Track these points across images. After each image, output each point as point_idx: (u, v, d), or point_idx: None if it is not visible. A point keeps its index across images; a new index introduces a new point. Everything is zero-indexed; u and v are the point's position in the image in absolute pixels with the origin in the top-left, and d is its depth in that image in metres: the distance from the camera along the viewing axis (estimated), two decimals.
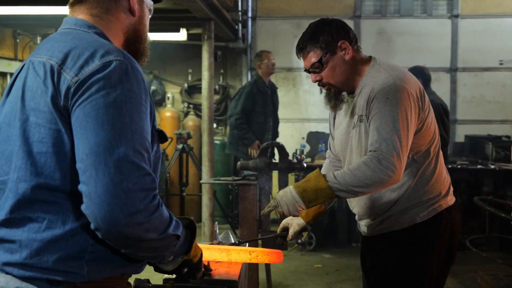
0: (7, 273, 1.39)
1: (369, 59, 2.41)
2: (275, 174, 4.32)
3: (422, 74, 5.37)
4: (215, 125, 7.89)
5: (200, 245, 2.09)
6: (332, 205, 2.67)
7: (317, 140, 7.00)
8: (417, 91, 2.28)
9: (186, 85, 8.06)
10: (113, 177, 1.29)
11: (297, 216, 2.40)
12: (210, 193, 5.87)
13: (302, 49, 2.36)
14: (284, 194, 2.29)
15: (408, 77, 2.30)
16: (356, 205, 2.47)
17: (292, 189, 2.27)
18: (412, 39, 7.90)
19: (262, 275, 4.39)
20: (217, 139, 7.58)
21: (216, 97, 7.98)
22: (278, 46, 7.69)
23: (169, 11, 5.55)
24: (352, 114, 2.38)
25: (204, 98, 5.84)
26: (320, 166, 2.67)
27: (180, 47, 7.80)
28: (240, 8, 7.30)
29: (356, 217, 2.53)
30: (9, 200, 1.40)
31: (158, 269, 1.67)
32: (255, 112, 6.18)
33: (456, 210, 2.44)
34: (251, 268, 4.22)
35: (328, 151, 2.75)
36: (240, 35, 7.37)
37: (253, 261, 2.26)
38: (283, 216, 2.49)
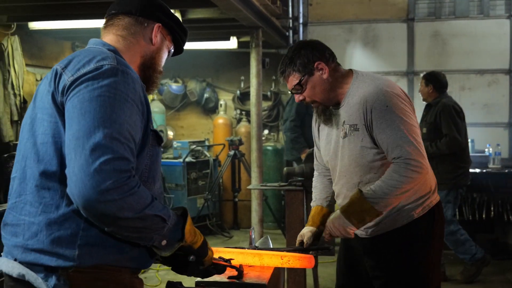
0: (14, 258, 1.58)
1: (350, 71, 2.57)
2: None
3: (436, 79, 5.31)
4: (267, 131, 7.95)
5: (234, 250, 2.14)
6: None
7: None
8: (404, 94, 2.46)
9: (238, 92, 8.17)
10: (88, 158, 1.45)
11: (352, 237, 2.50)
12: (259, 199, 5.92)
13: (282, 72, 2.55)
14: (335, 220, 2.44)
15: (393, 83, 2.49)
16: None
17: (340, 215, 2.41)
18: (468, 41, 7.69)
19: (309, 279, 4.40)
20: (269, 145, 7.64)
21: (268, 103, 8.04)
22: None
23: (218, 20, 5.65)
24: (340, 124, 2.51)
25: (252, 105, 5.90)
26: None
27: (232, 55, 7.92)
28: (290, 15, 7.34)
29: None
30: (17, 188, 1.63)
31: (163, 261, 1.79)
32: (308, 114, 6.20)
33: (441, 205, 2.63)
34: (298, 273, 4.25)
35: (316, 162, 2.88)
36: (291, 41, 7.41)
37: (285, 265, 2.31)
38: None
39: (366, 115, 2.39)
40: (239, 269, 2.10)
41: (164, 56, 1.88)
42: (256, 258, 2.26)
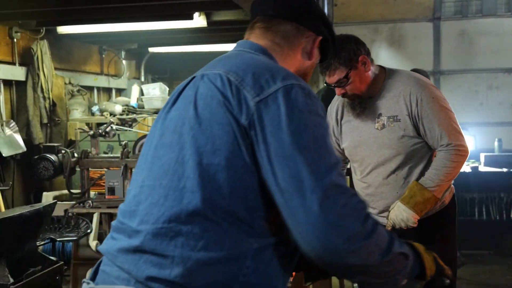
0: None
1: (379, 66, 2.70)
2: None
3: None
4: None
5: None
6: None
7: None
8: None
9: None
10: (323, 203, 1.19)
11: (415, 226, 2.60)
12: None
13: (327, 67, 2.60)
14: (399, 213, 2.57)
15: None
16: (382, 198, 2.70)
17: (403, 207, 2.56)
18: (496, 39, 7.59)
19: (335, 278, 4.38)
20: None
21: None
22: None
23: (243, 22, 5.68)
24: (375, 116, 2.65)
25: None
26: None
27: None
28: None
29: (376, 211, 2.72)
30: (164, 209, 1.29)
31: None
32: None
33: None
34: None
35: None
36: None
37: None
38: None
39: (411, 106, 2.57)
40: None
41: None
42: None
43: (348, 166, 3.05)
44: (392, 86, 2.63)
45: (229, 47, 7.23)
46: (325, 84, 2.72)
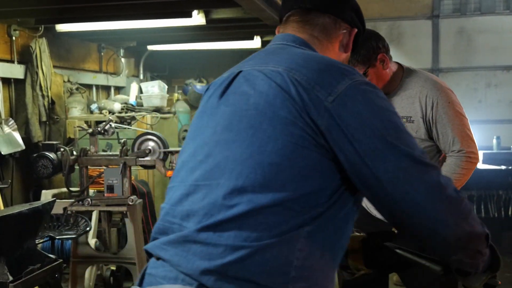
0: (201, 284, 1.24)
1: (397, 64, 2.66)
2: None
3: None
4: None
5: None
6: None
7: None
8: None
9: None
10: (434, 186, 1.24)
11: None
12: None
13: None
14: None
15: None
16: None
17: None
18: (495, 37, 7.60)
19: None
20: None
21: None
22: None
23: (242, 20, 5.68)
24: None
25: None
26: None
27: None
28: None
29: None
30: (221, 209, 1.26)
31: None
32: None
33: None
34: None
35: None
36: None
37: None
38: None
39: (426, 109, 2.55)
40: None
41: None
42: None
43: None
44: (409, 86, 2.62)
45: (228, 45, 7.24)
46: None
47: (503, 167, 5.99)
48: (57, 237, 3.73)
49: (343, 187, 1.29)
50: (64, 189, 5.00)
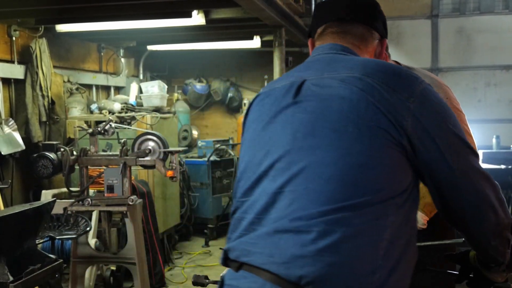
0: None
1: (394, 62, 2.59)
2: None
3: None
4: None
5: None
6: None
7: None
8: None
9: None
10: (487, 175, 1.43)
11: (425, 227, 2.66)
12: None
13: None
14: None
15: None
16: None
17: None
18: (494, 36, 7.62)
19: None
20: None
21: None
22: None
23: (242, 20, 5.69)
24: None
25: None
26: None
27: (256, 54, 7.95)
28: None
29: None
30: (312, 215, 1.32)
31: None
32: None
33: None
34: None
35: None
36: None
37: None
38: None
39: None
40: None
41: None
42: None
43: None
44: None
45: (228, 45, 7.24)
46: None
47: (502, 166, 5.99)
48: (57, 237, 3.73)
49: (413, 182, 1.40)
50: (64, 189, 5.01)
